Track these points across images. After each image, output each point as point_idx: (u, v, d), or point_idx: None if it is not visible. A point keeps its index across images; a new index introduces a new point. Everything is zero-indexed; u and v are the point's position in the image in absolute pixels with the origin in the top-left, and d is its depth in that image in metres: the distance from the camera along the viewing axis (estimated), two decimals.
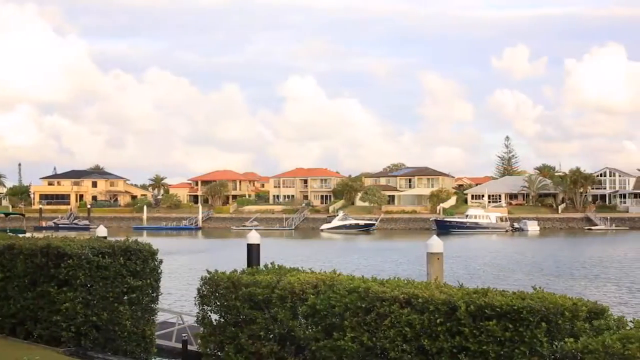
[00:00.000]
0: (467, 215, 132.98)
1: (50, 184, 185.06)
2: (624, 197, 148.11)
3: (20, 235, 19.23)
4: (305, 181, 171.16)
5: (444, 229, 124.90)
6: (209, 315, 13.17)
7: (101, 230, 36.97)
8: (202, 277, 13.26)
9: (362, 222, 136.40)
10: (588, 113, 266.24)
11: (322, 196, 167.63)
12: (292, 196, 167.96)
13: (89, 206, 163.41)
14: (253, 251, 29.11)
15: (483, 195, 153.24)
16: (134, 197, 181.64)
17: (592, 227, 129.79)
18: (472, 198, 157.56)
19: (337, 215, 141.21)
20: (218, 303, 12.91)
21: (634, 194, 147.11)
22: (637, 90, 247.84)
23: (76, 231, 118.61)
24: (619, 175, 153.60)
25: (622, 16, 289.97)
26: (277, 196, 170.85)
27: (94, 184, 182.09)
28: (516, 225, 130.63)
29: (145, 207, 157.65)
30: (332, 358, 11.11)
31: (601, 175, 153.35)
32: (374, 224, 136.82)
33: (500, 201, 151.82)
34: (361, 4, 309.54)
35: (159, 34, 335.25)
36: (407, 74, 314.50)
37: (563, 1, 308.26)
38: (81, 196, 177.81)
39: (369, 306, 10.74)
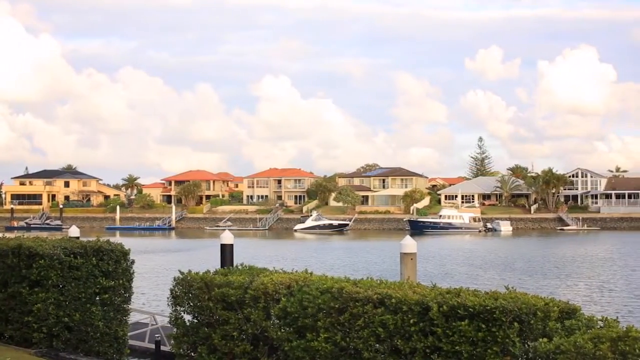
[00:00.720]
0: (440, 216, 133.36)
1: (22, 183, 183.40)
2: (596, 197, 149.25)
3: None
4: (279, 181, 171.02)
5: (417, 229, 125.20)
6: (182, 316, 13.14)
7: (73, 231, 36.66)
8: (175, 277, 13.22)
9: (335, 223, 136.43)
10: (560, 114, 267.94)
11: (296, 196, 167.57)
12: (266, 196, 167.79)
13: (61, 206, 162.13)
14: (226, 251, 29.00)
15: (456, 196, 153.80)
16: (106, 197, 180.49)
17: (564, 228, 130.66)
18: (446, 198, 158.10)
19: (311, 215, 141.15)
20: (191, 304, 12.89)
21: (606, 194, 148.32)
22: (608, 92, 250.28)
23: (48, 231, 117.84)
24: (591, 176, 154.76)
25: (593, 18, 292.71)
26: (251, 196, 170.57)
27: (67, 184, 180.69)
28: (489, 225, 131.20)
29: (118, 207, 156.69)
30: (305, 358, 11.10)
31: (573, 176, 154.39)
32: (347, 224, 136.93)
33: (473, 201, 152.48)
34: (335, 4, 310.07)
35: (132, 33, 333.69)
36: (381, 74, 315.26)
37: (536, 3, 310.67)
38: (53, 196, 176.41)
39: (342, 306, 10.75)
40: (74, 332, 14.56)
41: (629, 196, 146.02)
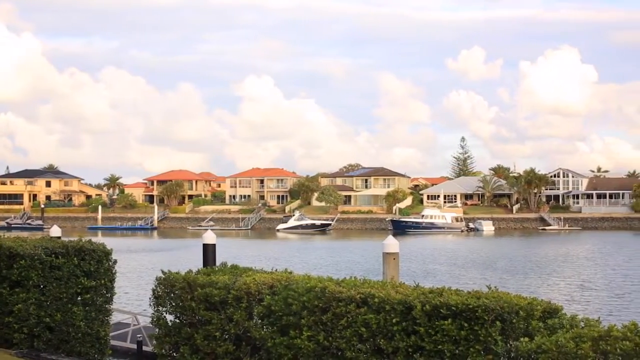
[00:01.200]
0: (422, 216, 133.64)
1: (2, 183, 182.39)
2: (577, 197, 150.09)
3: None
4: (262, 181, 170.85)
5: (399, 229, 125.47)
6: (164, 316, 13.09)
7: (55, 231, 36.51)
8: (157, 277, 13.17)
9: (318, 222, 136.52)
10: (542, 115, 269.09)
11: (278, 196, 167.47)
12: (249, 196, 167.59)
13: (42, 206, 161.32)
14: (209, 251, 28.95)
15: (439, 196, 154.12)
16: (88, 197, 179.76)
17: (546, 227, 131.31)
18: (428, 198, 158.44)
19: (294, 215, 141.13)
20: (173, 304, 12.84)
21: (587, 194, 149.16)
22: (590, 92, 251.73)
23: (29, 231, 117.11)
24: (572, 176, 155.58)
25: (575, 19, 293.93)
26: (234, 196, 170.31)
27: (48, 184, 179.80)
28: (471, 225, 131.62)
29: (100, 207, 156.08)
30: (287, 356, 11.09)
31: (555, 176, 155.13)
32: (330, 224, 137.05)
33: (455, 201, 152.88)
34: (317, 4, 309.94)
35: (114, 32, 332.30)
36: (363, 74, 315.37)
37: (518, 4, 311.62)
38: (34, 196, 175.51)
39: (325, 306, 10.75)
40: (55, 333, 14.47)
41: (610, 196, 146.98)
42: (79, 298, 14.62)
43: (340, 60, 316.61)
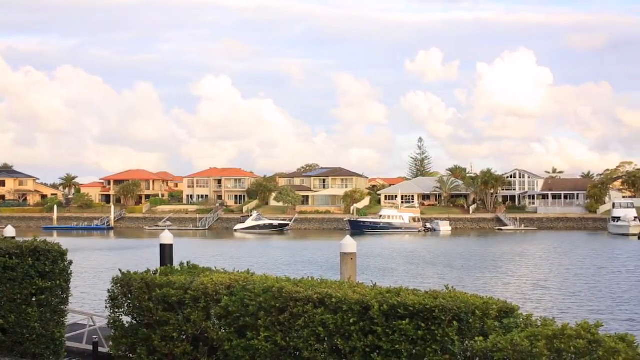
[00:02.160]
0: (380, 216, 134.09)
1: None
2: (533, 198, 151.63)
3: None
4: (220, 181, 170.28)
5: (357, 229, 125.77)
6: (121, 317, 12.99)
7: (9, 231, 35.96)
8: (114, 277, 13.06)
9: (276, 222, 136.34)
10: (499, 116, 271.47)
11: (236, 196, 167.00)
12: (206, 196, 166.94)
13: None
14: (166, 252, 28.73)
15: (396, 196, 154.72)
16: (44, 197, 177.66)
17: (502, 228, 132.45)
18: (386, 199, 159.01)
19: (251, 215, 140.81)
20: (131, 305, 12.74)
21: (543, 195, 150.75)
22: (545, 94, 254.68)
23: None
24: (528, 177, 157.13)
25: (532, 22, 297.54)
26: (191, 196, 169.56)
27: (2, 183, 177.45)
28: (428, 225, 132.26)
29: (55, 207, 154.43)
30: (245, 358, 11.07)
31: (511, 176, 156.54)
32: (288, 224, 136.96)
33: (413, 202, 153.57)
34: (277, 4, 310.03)
35: (71, 30, 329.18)
36: (322, 75, 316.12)
37: (477, 6, 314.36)
38: None
39: (282, 306, 10.74)
40: (9, 334, 14.30)
41: (565, 197, 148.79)
42: (33, 299, 14.47)
43: (300, 61, 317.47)
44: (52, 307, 14.77)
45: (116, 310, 12.98)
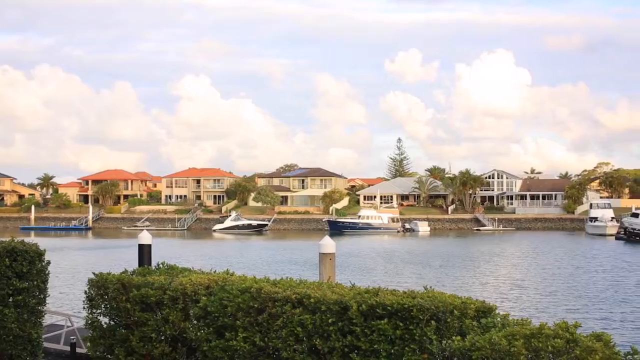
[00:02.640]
0: (359, 216, 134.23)
1: None
2: (511, 198, 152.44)
3: None
4: (198, 181, 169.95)
5: (336, 229, 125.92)
6: (98, 318, 12.93)
7: None
8: (90, 279, 13.00)
9: (254, 223, 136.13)
10: (477, 116, 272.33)
11: (215, 196, 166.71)
12: (185, 196, 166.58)
13: None
14: (144, 252, 28.64)
15: (375, 196, 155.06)
16: (21, 197, 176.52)
17: (481, 228, 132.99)
18: (365, 199, 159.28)
19: (230, 215, 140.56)
20: (108, 305, 12.69)
21: (521, 195, 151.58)
22: (523, 95, 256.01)
23: None
24: (507, 177, 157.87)
25: (510, 24, 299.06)
26: (170, 196, 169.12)
27: None
28: (407, 225, 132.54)
29: (33, 207, 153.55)
30: (224, 358, 11.06)
31: (489, 177, 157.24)
32: (266, 225, 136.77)
33: (392, 202, 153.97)
34: (256, 4, 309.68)
35: (49, 29, 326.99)
36: (301, 75, 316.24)
37: (456, 6, 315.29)
38: None
39: (261, 306, 10.74)
40: None
41: (543, 197, 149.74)
42: (10, 300, 14.37)
43: (279, 61, 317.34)
44: (30, 307, 14.68)
45: (94, 311, 12.93)
